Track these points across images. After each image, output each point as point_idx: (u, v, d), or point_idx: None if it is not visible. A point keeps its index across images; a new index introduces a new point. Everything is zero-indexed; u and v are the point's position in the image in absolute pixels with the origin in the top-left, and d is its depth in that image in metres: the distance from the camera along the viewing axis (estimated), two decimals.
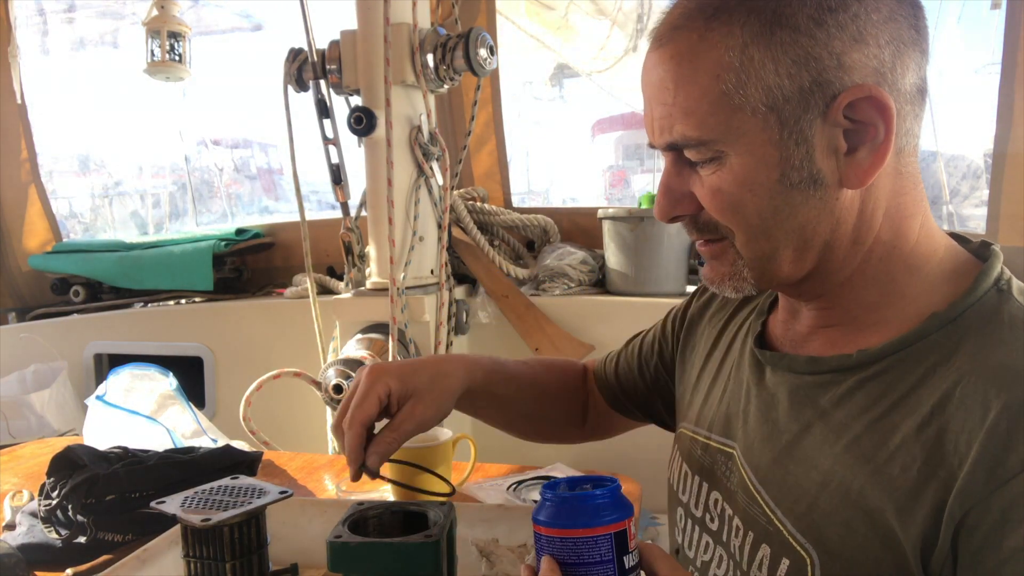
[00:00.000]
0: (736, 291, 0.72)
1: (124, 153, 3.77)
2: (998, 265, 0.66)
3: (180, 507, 0.78)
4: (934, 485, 0.57)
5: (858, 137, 0.63)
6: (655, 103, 0.67)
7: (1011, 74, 1.77)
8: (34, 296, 2.85)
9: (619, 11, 2.83)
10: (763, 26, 0.61)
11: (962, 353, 0.61)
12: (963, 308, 0.63)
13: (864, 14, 0.61)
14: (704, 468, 0.80)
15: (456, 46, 1.82)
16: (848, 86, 0.61)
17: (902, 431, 0.60)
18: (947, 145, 2.44)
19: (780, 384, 0.73)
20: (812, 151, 0.63)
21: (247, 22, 3.38)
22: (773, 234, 0.66)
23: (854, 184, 0.64)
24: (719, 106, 0.63)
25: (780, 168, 0.63)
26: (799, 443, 0.68)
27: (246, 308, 2.43)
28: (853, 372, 0.66)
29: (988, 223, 1.88)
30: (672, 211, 0.71)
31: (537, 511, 0.62)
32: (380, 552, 0.71)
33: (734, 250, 0.69)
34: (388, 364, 0.88)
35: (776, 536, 0.67)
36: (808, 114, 0.62)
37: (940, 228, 0.70)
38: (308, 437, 2.14)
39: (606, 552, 0.59)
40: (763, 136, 0.63)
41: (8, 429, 2.19)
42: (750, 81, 0.62)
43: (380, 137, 1.81)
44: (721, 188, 0.66)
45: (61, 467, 1.14)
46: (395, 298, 1.81)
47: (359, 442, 0.83)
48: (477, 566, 0.88)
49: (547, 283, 2.14)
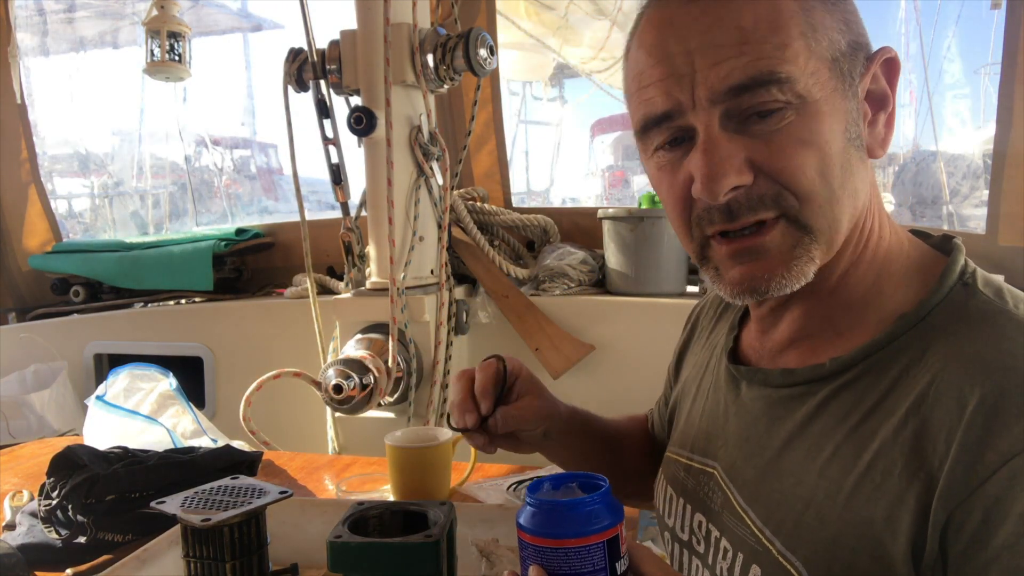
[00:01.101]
0: (792, 283, 0.64)
1: (124, 153, 3.77)
2: (961, 259, 0.65)
3: (180, 507, 0.78)
4: (917, 488, 0.56)
5: (877, 104, 0.66)
6: (712, 45, 0.61)
7: (1011, 74, 1.77)
8: (34, 296, 2.85)
9: (619, 11, 2.83)
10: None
11: (933, 352, 0.60)
12: (931, 307, 0.63)
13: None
14: (688, 490, 0.79)
15: (456, 46, 1.82)
16: (875, 49, 0.65)
17: (880, 436, 0.60)
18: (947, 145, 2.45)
19: (756, 399, 0.72)
20: (859, 110, 0.65)
21: (247, 22, 3.39)
22: (841, 198, 0.63)
23: (877, 152, 0.66)
24: (801, 45, 0.61)
25: (845, 121, 0.64)
26: (781, 459, 0.67)
27: (246, 308, 2.43)
28: (827, 381, 0.65)
29: (988, 223, 1.88)
30: (732, 179, 0.61)
31: (523, 516, 0.58)
32: (380, 552, 0.71)
33: (795, 226, 0.63)
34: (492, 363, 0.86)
35: (765, 555, 0.65)
36: (856, 71, 0.64)
37: (904, 229, 0.70)
38: (308, 437, 2.14)
39: (599, 561, 0.56)
40: (831, 84, 0.63)
41: (8, 429, 2.19)
42: (818, 29, 0.63)
43: (380, 137, 1.81)
44: (801, 139, 0.61)
45: (61, 467, 1.15)
46: (395, 298, 1.81)
47: (485, 388, 0.83)
48: (477, 566, 0.88)
49: (547, 283, 2.14)
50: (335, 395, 1.75)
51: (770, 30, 0.61)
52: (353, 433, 2.02)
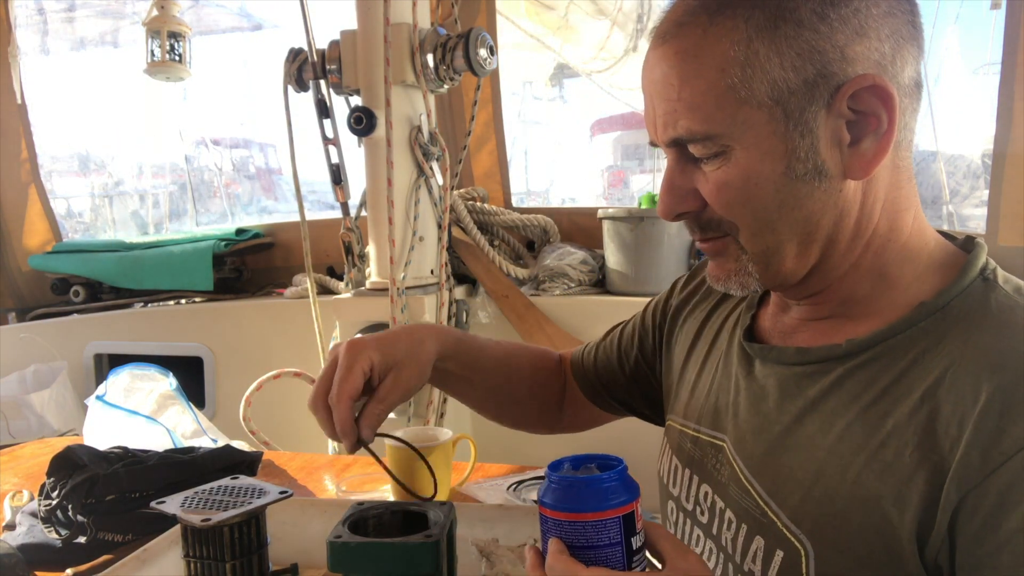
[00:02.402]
0: (742, 288, 0.71)
1: (124, 153, 3.77)
2: (983, 256, 0.67)
3: (180, 507, 0.78)
4: (927, 469, 0.57)
5: (861, 128, 0.63)
6: (658, 99, 0.67)
7: (1011, 74, 1.77)
8: (34, 296, 2.85)
9: (619, 11, 2.83)
10: (767, 20, 0.61)
11: (951, 340, 0.61)
12: (951, 297, 0.64)
13: (865, 8, 0.61)
14: (694, 461, 0.80)
15: (456, 46, 1.82)
16: (851, 77, 0.62)
17: (894, 417, 0.61)
18: (947, 145, 2.45)
19: (769, 376, 0.73)
20: (817, 142, 0.63)
21: (247, 22, 3.39)
22: (778, 227, 0.66)
23: (858, 175, 0.64)
24: (724, 100, 0.63)
25: (786, 160, 0.64)
26: (791, 434, 0.68)
27: (246, 308, 2.43)
28: (842, 361, 0.67)
29: (988, 223, 1.88)
30: (677, 208, 0.70)
31: (543, 493, 0.61)
32: (380, 552, 0.71)
33: (737, 245, 0.69)
34: (365, 338, 0.87)
35: (770, 528, 0.67)
36: (813, 106, 0.62)
37: (929, 224, 0.71)
38: (308, 437, 2.13)
39: (615, 535, 0.59)
40: (768, 128, 0.63)
41: (8, 429, 2.19)
42: (755, 75, 0.62)
43: (380, 137, 1.81)
44: (727, 182, 0.66)
45: (61, 467, 1.14)
46: (395, 298, 1.81)
47: (350, 415, 0.82)
48: (477, 566, 0.88)
49: (547, 283, 2.14)
50: None
51: (695, 89, 0.64)
52: None
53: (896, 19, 0.63)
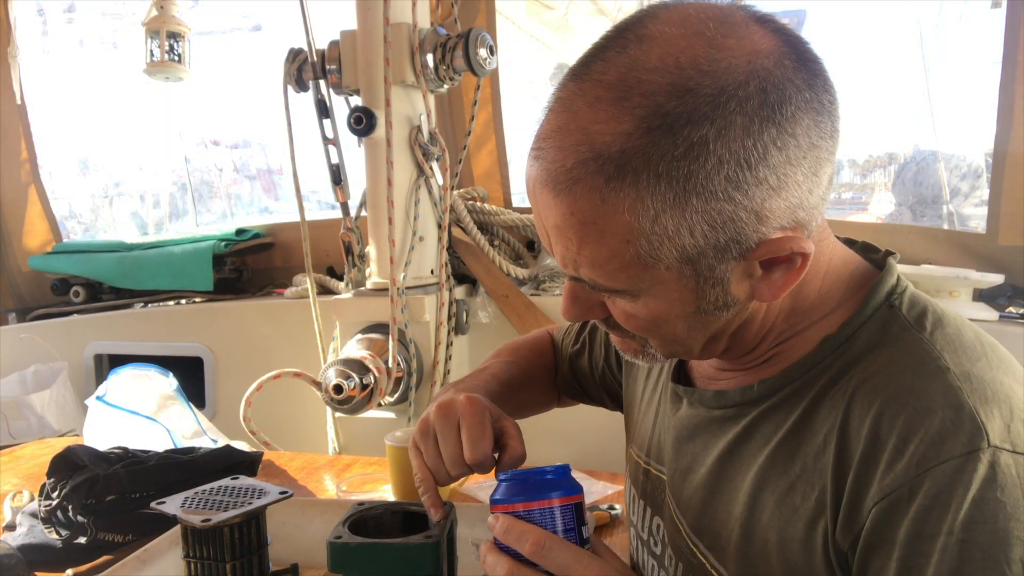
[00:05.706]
0: (649, 362, 0.71)
1: (124, 153, 3.77)
2: (890, 279, 0.64)
3: (180, 507, 0.78)
4: (828, 514, 0.58)
5: (773, 263, 0.60)
6: (555, 238, 0.61)
7: (1011, 73, 1.77)
8: (34, 296, 2.85)
9: (619, 11, 2.83)
10: (676, 195, 0.55)
11: (854, 374, 0.60)
12: (854, 329, 0.62)
13: (784, 161, 0.55)
14: (647, 493, 0.81)
15: (456, 46, 1.82)
16: (766, 236, 0.57)
17: (800, 459, 0.61)
18: (947, 145, 2.44)
19: (693, 418, 0.74)
20: (727, 287, 0.61)
21: (247, 22, 3.38)
22: (687, 340, 0.66)
23: (767, 298, 0.62)
24: (630, 265, 0.59)
25: (695, 304, 0.62)
26: (714, 476, 0.69)
27: (246, 308, 2.42)
28: (756, 404, 0.66)
29: (988, 223, 1.88)
30: (582, 317, 0.68)
31: (493, 495, 0.66)
32: (380, 552, 0.71)
33: (647, 344, 0.69)
34: (476, 398, 0.77)
35: (700, 569, 0.68)
36: (724, 264, 0.59)
37: (843, 247, 0.68)
38: (308, 437, 2.14)
39: (568, 521, 0.63)
40: (678, 284, 0.60)
41: (8, 429, 2.19)
42: (663, 245, 0.57)
43: (380, 137, 1.81)
44: (635, 315, 0.64)
45: (61, 467, 1.15)
46: (395, 298, 1.81)
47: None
48: (477, 566, 0.88)
49: (547, 283, 2.14)
50: (335, 395, 1.75)
51: (597, 254, 0.59)
52: (353, 433, 2.02)
53: (817, 148, 0.57)
